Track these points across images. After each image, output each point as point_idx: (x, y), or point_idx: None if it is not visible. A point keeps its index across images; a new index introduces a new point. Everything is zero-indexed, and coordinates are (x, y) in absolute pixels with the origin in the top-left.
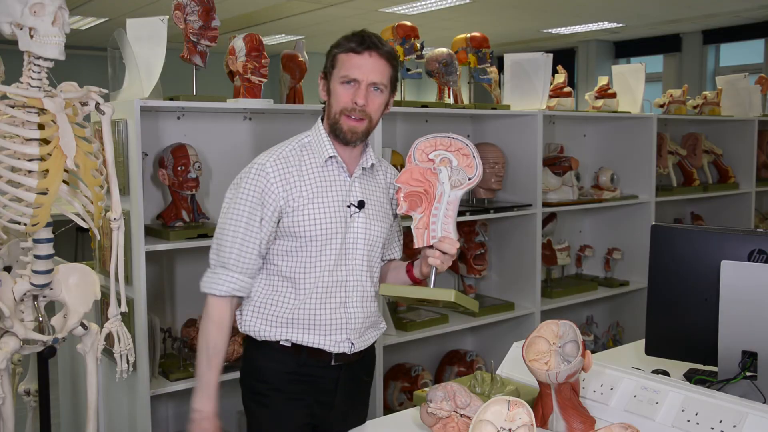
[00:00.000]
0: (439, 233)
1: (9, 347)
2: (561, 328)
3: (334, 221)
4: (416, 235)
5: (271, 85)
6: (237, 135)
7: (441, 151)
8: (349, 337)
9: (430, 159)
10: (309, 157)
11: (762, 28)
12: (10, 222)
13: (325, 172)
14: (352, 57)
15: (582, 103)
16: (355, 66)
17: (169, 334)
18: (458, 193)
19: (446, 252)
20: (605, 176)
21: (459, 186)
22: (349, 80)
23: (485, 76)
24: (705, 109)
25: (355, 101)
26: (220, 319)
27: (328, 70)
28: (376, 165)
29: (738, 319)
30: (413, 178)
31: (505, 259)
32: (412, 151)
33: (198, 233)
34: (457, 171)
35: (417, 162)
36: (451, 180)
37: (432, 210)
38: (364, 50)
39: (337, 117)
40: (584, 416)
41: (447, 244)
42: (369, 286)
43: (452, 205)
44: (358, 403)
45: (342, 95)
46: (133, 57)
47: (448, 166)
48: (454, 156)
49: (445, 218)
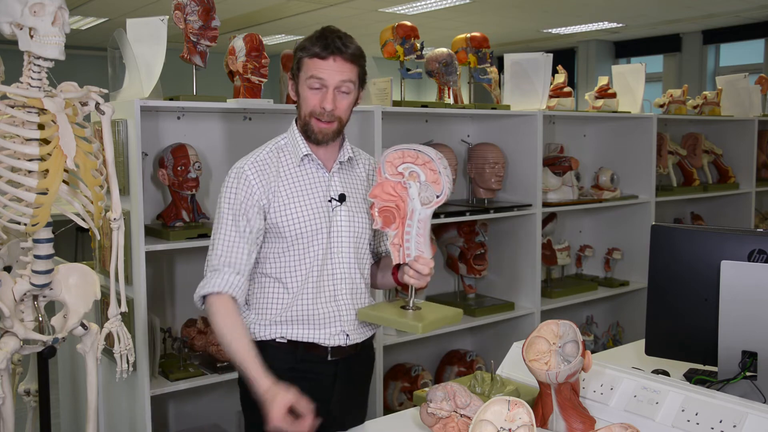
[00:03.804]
0: (413, 253)
1: (9, 347)
2: (561, 328)
3: (317, 217)
4: (392, 252)
5: (271, 85)
6: (237, 135)
7: (409, 164)
8: (344, 329)
9: (399, 172)
10: (285, 157)
11: (762, 28)
12: (10, 222)
13: (302, 170)
14: (317, 62)
15: (582, 103)
16: (321, 70)
17: (169, 334)
18: (428, 212)
19: (420, 272)
20: (605, 176)
21: (428, 204)
22: (317, 86)
23: (485, 76)
24: (705, 109)
25: (323, 106)
26: (225, 308)
27: (294, 72)
28: (355, 158)
29: (738, 319)
30: (385, 192)
31: (505, 259)
32: (382, 164)
33: (198, 233)
34: (426, 187)
35: (387, 175)
36: (420, 196)
37: (405, 227)
38: (329, 55)
39: (307, 119)
40: (584, 416)
41: (420, 264)
42: (358, 278)
43: (423, 223)
44: (357, 401)
45: (310, 99)
46: (133, 57)
47: (417, 181)
48: (422, 170)
49: (418, 237)
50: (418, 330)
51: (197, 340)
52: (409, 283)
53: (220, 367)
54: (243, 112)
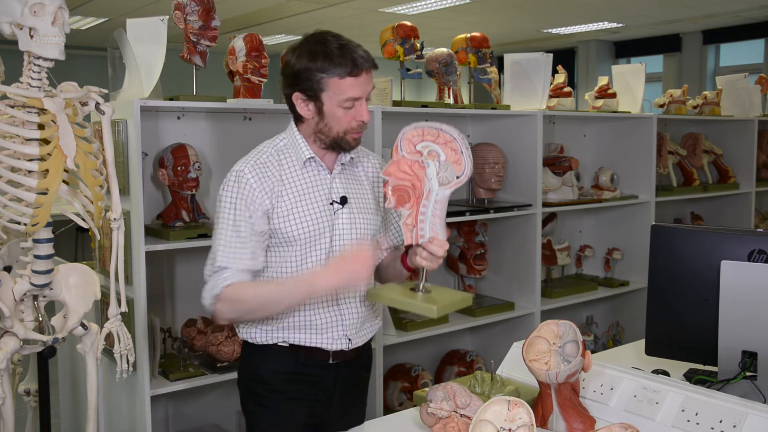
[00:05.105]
0: (427, 233)
1: (9, 347)
2: (561, 328)
3: (319, 221)
4: (404, 232)
5: (271, 85)
6: (237, 135)
7: (428, 142)
8: (346, 334)
9: (417, 150)
10: (287, 160)
11: (762, 28)
12: (10, 222)
13: (305, 173)
14: (350, 81)
15: (582, 103)
16: (356, 88)
17: (169, 334)
18: (446, 192)
19: (434, 254)
20: (605, 176)
21: (447, 184)
22: (353, 103)
23: (485, 76)
24: (705, 109)
25: (362, 120)
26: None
27: (312, 92)
28: (356, 158)
29: (738, 319)
30: (400, 170)
31: (505, 259)
32: (399, 141)
33: (198, 233)
34: (445, 167)
35: (404, 153)
36: (439, 176)
37: (420, 207)
38: (361, 72)
39: (342, 136)
40: (584, 416)
41: (435, 245)
42: None
43: (440, 204)
44: (357, 401)
45: (344, 117)
46: (133, 57)
47: (435, 160)
48: (442, 149)
49: (433, 218)
50: (433, 313)
51: (197, 340)
52: (422, 265)
53: (220, 367)
54: (243, 112)
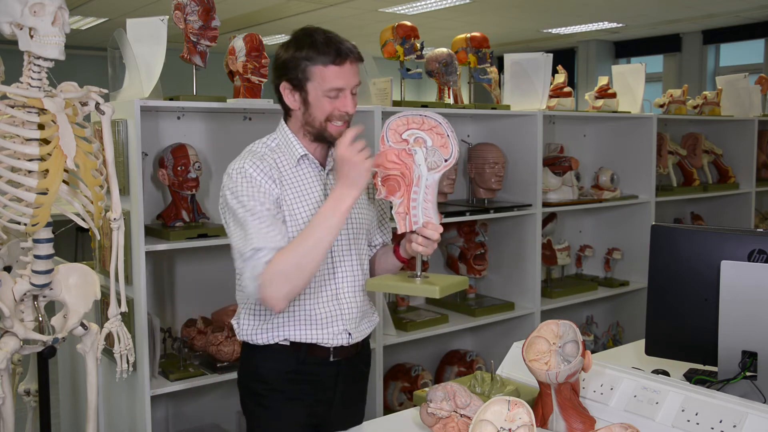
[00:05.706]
0: (420, 219)
1: (9, 347)
2: (561, 328)
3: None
4: (397, 220)
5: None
6: (237, 135)
7: (414, 130)
8: (346, 328)
9: (403, 139)
10: (281, 159)
11: (762, 28)
12: (10, 222)
13: (299, 170)
14: (333, 69)
15: (582, 103)
16: (339, 78)
17: (169, 334)
18: (435, 176)
19: (430, 238)
20: (605, 176)
21: (435, 168)
22: (334, 94)
23: (485, 76)
24: (705, 109)
25: (346, 111)
26: (280, 252)
27: (298, 81)
28: None
29: (738, 319)
30: (388, 160)
31: (505, 259)
32: (385, 132)
33: (198, 233)
34: (433, 152)
35: (390, 143)
36: (427, 162)
37: (411, 194)
38: (344, 60)
39: (323, 125)
40: (584, 416)
41: (430, 230)
42: (359, 274)
43: (431, 188)
44: (357, 398)
45: (327, 106)
46: (133, 57)
47: (423, 147)
48: (428, 135)
49: (425, 203)
50: (435, 293)
51: (197, 340)
52: (417, 251)
53: (220, 367)
54: (243, 112)
